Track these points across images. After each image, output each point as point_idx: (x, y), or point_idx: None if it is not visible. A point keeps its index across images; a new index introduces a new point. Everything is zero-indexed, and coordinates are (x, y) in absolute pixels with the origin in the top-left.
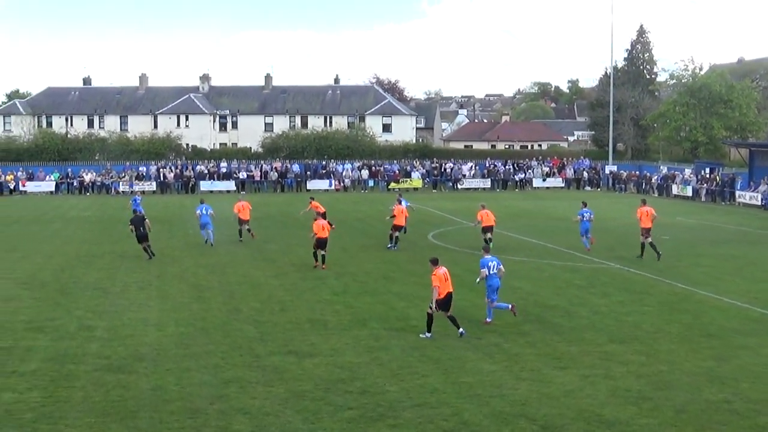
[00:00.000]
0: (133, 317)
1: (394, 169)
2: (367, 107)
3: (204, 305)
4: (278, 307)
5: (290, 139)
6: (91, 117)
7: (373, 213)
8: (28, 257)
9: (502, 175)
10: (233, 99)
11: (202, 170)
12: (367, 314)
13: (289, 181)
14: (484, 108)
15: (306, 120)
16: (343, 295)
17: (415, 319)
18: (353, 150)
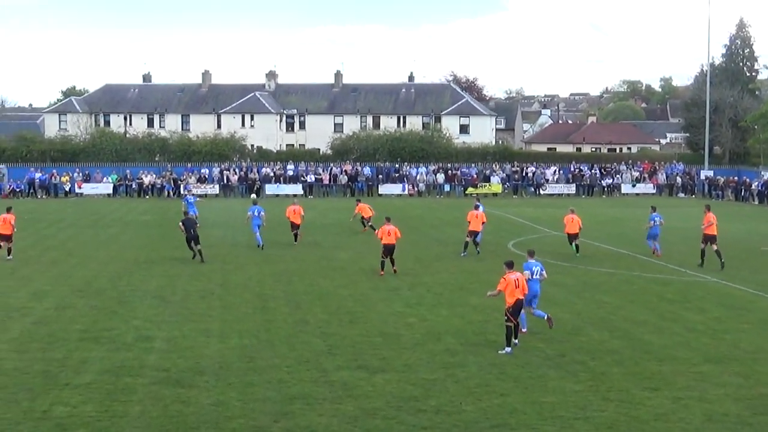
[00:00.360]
0: (194, 328)
1: (471, 173)
2: (444, 107)
3: (269, 316)
4: (347, 318)
5: (361, 140)
6: (151, 116)
7: (449, 219)
8: (83, 263)
9: (588, 180)
10: (301, 97)
11: (267, 173)
12: (442, 328)
13: (359, 185)
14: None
15: (378, 120)
16: (417, 307)
17: (494, 334)
18: (428, 152)
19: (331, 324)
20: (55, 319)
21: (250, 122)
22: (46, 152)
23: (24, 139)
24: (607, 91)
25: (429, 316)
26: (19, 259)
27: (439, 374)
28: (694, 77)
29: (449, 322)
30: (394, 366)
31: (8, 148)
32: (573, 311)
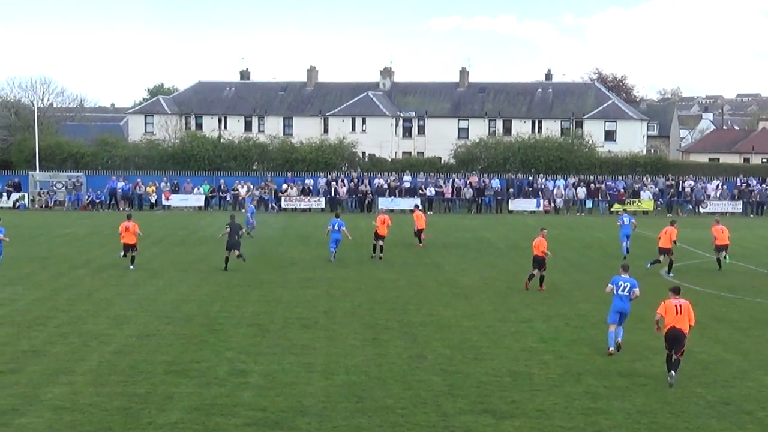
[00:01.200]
0: (295, 361)
1: (618, 187)
2: (586, 110)
3: (380, 349)
4: (472, 354)
5: (489, 147)
6: (248, 118)
7: (590, 241)
8: (171, 286)
9: (758, 197)
10: (420, 98)
11: (380, 184)
12: (582, 367)
13: (487, 199)
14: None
15: (509, 125)
16: (553, 343)
17: (644, 376)
18: (567, 163)
19: (453, 360)
20: (138, 348)
21: (361, 126)
22: (129, 159)
23: (105, 144)
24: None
25: (567, 353)
26: (98, 280)
27: (578, 422)
28: None
29: (590, 360)
30: (526, 411)
31: (87, 153)
32: (739, 351)
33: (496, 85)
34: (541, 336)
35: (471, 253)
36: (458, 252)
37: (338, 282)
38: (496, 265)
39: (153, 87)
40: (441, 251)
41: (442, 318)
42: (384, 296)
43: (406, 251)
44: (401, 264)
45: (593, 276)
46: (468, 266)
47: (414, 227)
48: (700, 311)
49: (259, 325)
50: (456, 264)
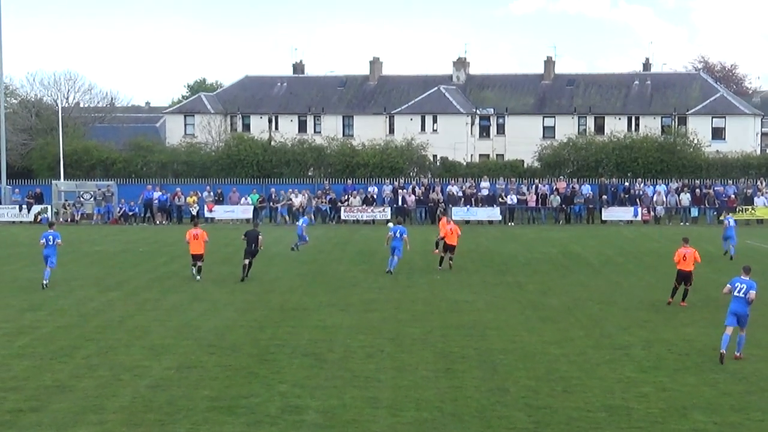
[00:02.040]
0: (358, 396)
1: (728, 193)
2: (690, 104)
3: (456, 381)
4: (560, 386)
5: (579, 149)
6: (303, 117)
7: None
8: (214, 310)
9: None
10: (500, 93)
11: (454, 192)
12: (688, 401)
13: (576, 208)
14: None
15: (602, 122)
16: (654, 373)
17: (760, 411)
18: (669, 165)
19: (539, 393)
20: (177, 382)
21: (432, 125)
22: (167, 165)
23: (139, 148)
24: None
25: (670, 384)
26: (132, 305)
27: None
28: None
29: (698, 392)
30: None
31: (119, 159)
32: None
33: (586, 76)
34: (640, 365)
35: (558, 271)
36: (544, 269)
37: (407, 304)
38: (588, 284)
39: (194, 83)
40: (524, 268)
41: (525, 345)
42: (459, 320)
43: (485, 269)
44: (479, 283)
45: (700, 295)
46: (555, 285)
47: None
48: None
49: (316, 354)
50: (541, 283)
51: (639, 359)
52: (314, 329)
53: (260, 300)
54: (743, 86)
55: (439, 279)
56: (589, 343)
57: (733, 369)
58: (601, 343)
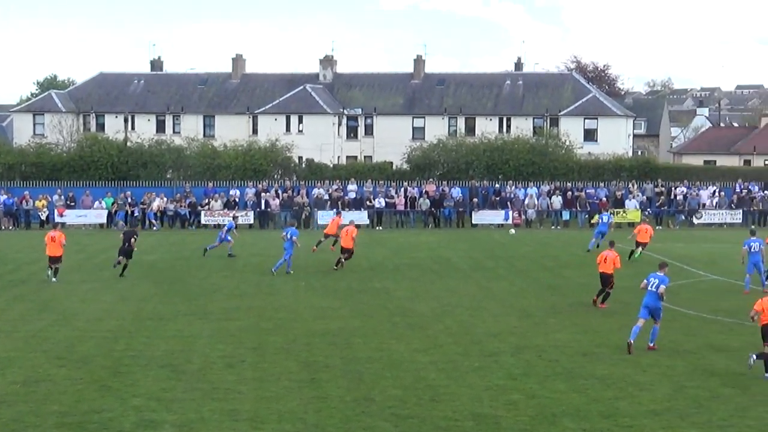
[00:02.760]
0: (218, 408)
1: (600, 196)
2: (563, 105)
3: (320, 391)
4: (428, 395)
5: (449, 150)
6: (161, 116)
7: (568, 259)
8: (64, 320)
9: (761, 206)
10: (368, 92)
11: (320, 195)
12: (557, 408)
13: (446, 211)
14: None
15: (472, 123)
16: (524, 380)
17: (629, 417)
18: (540, 167)
19: (406, 403)
20: (24, 397)
21: (297, 126)
22: (14, 167)
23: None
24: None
25: (540, 391)
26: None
27: None
28: None
29: (567, 399)
30: None
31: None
32: (738, 385)
33: (457, 76)
34: (509, 372)
35: (427, 276)
36: (412, 275)
37: (269, 312)
38: (457, 289)
39: (44, 80)
40: (392, 274)
41: (393, 353)
42: (324, 328)
43: (351, 274)
44: (345, 290)
45: (571, 300)
46: (424, 291)
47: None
48: (693, 339)
49: (174, 365)
50: (410, 289)
51: (508, 366)
52: (171, 339)
53: (114, 309)
54: (616, 87)
55: (303, 285)
56: (458, 350)
57: (602, 375)
58: (470, 350)
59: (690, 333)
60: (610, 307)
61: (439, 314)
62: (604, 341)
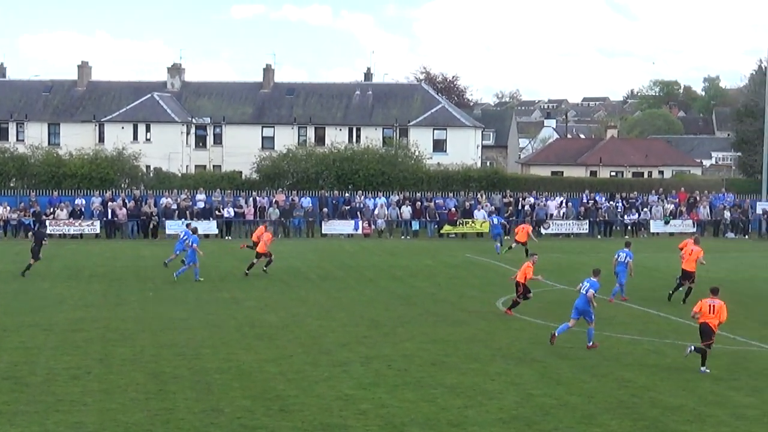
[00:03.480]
0: (62, 420)
1: (449, 206)
2: (412, 115)
3: (167, 403)
4: (277, 406)
5: (299, 160)
6: (4, 124)
7: (418, 269)
8: None
9: (606, 216)
10: (217, 101)
11: (168, 205)
12: (406, 417)
13: (296, 221)
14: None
15: (322, 133)
16: (373, 389)
17: (477, 425)
18: (390, 177)
19: (255, 413)
20: None
21: (145, 134)
22: None
23: None
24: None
25: (389, 400)
26: None
27: None
28: (750, 77)
29: (417, 408)
30: None
31: None
32: (584, 393)
33: (306, 85)
34: (359, 381)
35: (276, 286)
36: (261, 285)
37: (116, 323)
38: (307, 299)
39: None
40: (241, 284)
41: (241, 363)
42: (172, 339)
43: (200, 285)
44: (193, 300)
45: (420, 309)
46: (273, 301)
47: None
48: (541, 348)
49: (16, 378)
50: (259, 299)
51: (358, 376)
52: (14, 351)
53: None
54: (465, 98)
55: (152, 296)
56: (308, 360)
57: (451, 384)
58: (320, 360)
59: (538, 342)
60: (459, 317)
61: (289, 324)
62: (453, 350)
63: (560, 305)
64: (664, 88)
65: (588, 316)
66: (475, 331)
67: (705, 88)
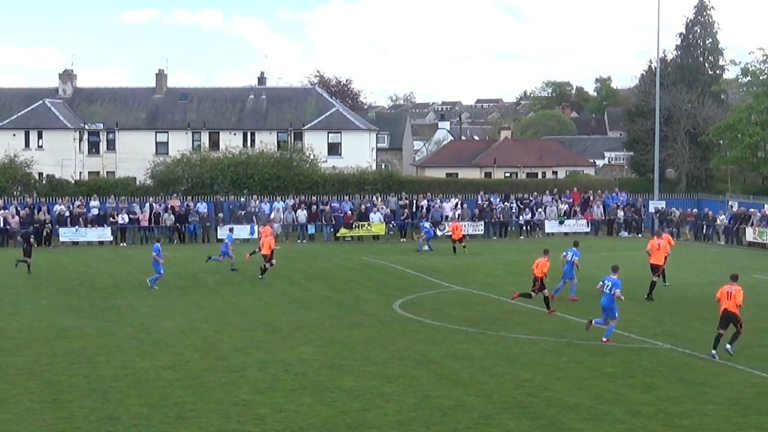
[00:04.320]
0: None
1: (344, 209)
2: (306, 119)
3: (63, 412)
4: (174, 412)
5: (193, 165)
6: None
7: (314, 273)
8: None
9: (501, 217)
10: (110, 107)
11: (62, 212)
12: (304, 421)
13: (191, 227)
14: (474, 120)
15: (217, 137)
16: (271, 394)
17: (375, 427)
18: (285, 181)
19: (152, 420)
20: None
21: (37, 141)
22: None
23: None
24: (526, 96)
25: (287, 405)
26: None
27: None
28: (640, 77)
29: (315, 412)
30: None
31: None
32: (481, 393)
33: (200, 90)
34: (256, 386)
35: (173, 292)
36: (158, 291)
37: (9, 332)
38: (204, 305)
39: None
40: (137, 291)
41: (138, 371)
42: (67, 347)
43: (95, 292)
44: (88, 308)
45: (317, 313)
46: (169, 308)
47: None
48: (438, 349)
49: None
50: (155, 306)
51: (255, 381)
52: None
53: None
54: (359, 101)
55: (45, 303)
56: (205, 366)
57: (349, 387)
58: (217, 365)
59: (434, 343)
60: (356, 320)
61: (185, 330)
62: (350, 353)
63: (455, 305)
64: (557, 89)
65: (612, 313)
66: (372, 333)
67: (597, 88)
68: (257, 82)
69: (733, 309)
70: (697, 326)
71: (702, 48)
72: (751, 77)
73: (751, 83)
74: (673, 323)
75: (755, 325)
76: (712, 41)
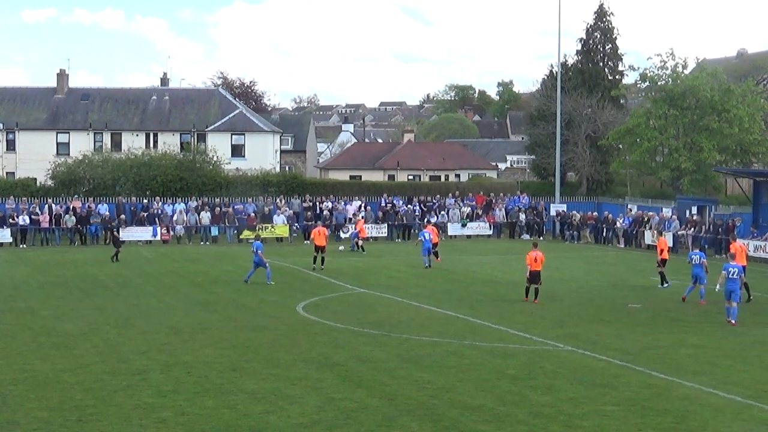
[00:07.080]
0: None
1: (248, 211)
2: (210, 120)
3: None
4: (75, 416)
5: (95, 166)
6: None
7: (217, 275)
8: None
9: (404, 219)
10: (9, 107)
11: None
12: (207, 424)
13: (93, 228)
14: (378, 122)
15: (119, 138)
16: (173, 397)
17: (278, 430)
18: (188, 183)
19: (52, 425)
20: None
21: None
22: None
23: None
24: (429, 99)
25: (189, 408)
26: None
27: None
28: (542, 81)
29: (218, 415)
30: None
31: None
32: (384, 395)
33: (102, 91)
34: (158, 389)
35: (74, 294)
36: (58, 293)
37: None
38: (105, 307)
39: None
40: (37, 293)
41: (38, 374)
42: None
43: None
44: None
45: (220, 315)
46: (70, 310)
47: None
48: (341, 352)
49: None
50: (55, 308)
51: (157, 384)
52: None
53: None
54: (262, 103)
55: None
56: (106, 369)
57: (252, 389)
58: (118, 368)
59: (338, 345)
60: (260, 322)
61: (86, 333)
62: (253, 356)
63: (358, 308)
64: (460, 93)
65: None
66: (275, 336)
67: (499, 92)
68: (160, 83)
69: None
70: (597, 328)
71: (602, 53)
72: (650, 82)
73: (649, 88)
74: (574, 325)
75: (653, 327)
76: (612, 47)
